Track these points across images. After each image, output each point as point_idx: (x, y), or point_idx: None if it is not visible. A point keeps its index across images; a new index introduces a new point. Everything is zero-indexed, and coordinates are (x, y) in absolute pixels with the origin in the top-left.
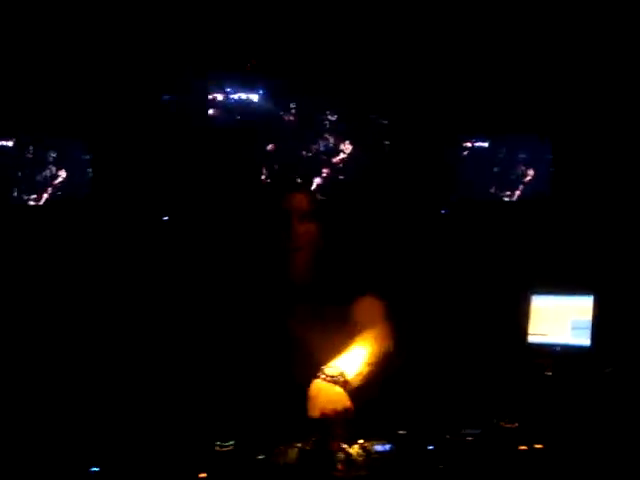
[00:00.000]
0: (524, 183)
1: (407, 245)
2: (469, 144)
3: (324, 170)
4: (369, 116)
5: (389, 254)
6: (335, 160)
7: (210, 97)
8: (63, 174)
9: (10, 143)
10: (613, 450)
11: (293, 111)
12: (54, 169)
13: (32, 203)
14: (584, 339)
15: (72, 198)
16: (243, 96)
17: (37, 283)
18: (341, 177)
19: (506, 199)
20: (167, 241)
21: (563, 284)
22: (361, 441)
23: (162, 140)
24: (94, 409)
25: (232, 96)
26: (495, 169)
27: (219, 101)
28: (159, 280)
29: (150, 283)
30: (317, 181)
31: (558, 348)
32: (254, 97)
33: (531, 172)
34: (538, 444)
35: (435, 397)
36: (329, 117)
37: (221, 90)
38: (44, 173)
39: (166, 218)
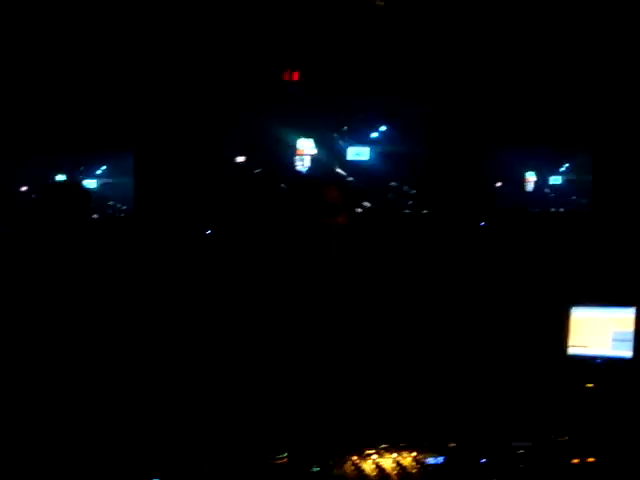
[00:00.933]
0: (565, 195)
1: (447, 255)
2: (507, 156)
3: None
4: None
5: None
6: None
7: None
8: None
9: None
10: None
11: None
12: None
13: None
14: (626, 351)
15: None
16: None
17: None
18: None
19: (550, 210)
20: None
21: (604, 296)
22: (414, 454)
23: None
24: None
25: None
26: (535, 181)
27: None
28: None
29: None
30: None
31: (599, 360)
32: None
33: (572, 185)
34: (590, 457)
35: (481, 409)
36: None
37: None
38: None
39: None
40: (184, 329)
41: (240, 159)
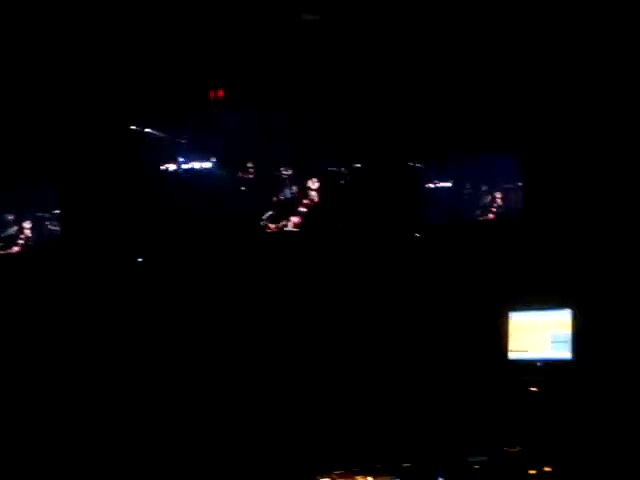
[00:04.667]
0: (497, 202)
1: (385, 268)
2: (439, 166)
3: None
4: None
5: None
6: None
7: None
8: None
9: None
10: (614, 462)
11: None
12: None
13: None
14: (565, 352)
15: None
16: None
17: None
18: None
19: (481, 219)
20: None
21: (540, 299)
22: (370, 479)
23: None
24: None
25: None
26: (468, 190)
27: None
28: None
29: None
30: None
31: (540, 363)
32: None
33: (503, 191)
34: (547, 467)
35: (431, 424)
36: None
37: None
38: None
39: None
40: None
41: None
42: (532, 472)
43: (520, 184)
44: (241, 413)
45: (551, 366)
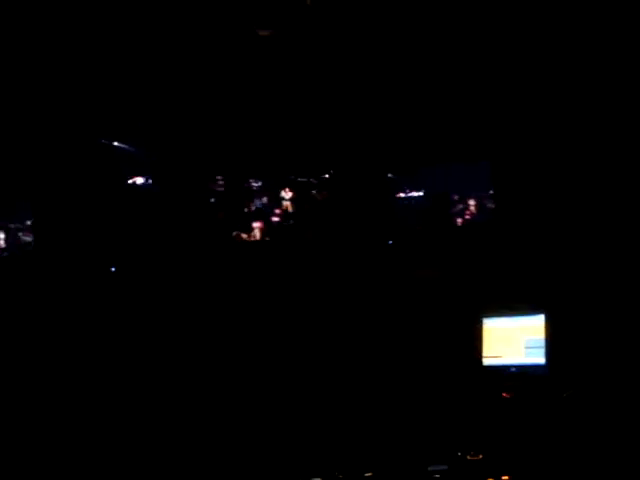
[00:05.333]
0: (469, 210)
1: (357, 275)
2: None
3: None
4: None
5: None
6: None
7: None
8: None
9: None
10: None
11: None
12: None
13: None
14: (539, 358)
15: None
16: None
17: None
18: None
19: (453, 226)
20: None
21: (513, 305)
22: None
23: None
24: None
25: None
26: (439, 198)
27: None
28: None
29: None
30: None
31: (514, 369)
32: None
33: (475, 199)
34: (505, 475)
35: (397, 431)
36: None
37: None
38: None
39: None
40: None
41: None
42: None
43: (491, 192)
44: (198, 424)
45: (525, 371)
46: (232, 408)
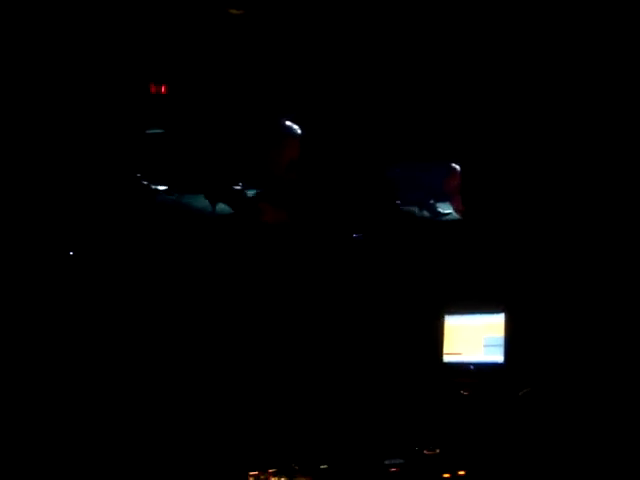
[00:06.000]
0: (433, 207)
1: (322, 268)
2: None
3: None
4: None
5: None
6: None
7: None
8: None
9: None
10: (533, 470)
11: None
12: None
13: None
14: (497, 356)
15: None
16: None
17: None
18: None
19: (417, 222)
20: None
21: (474, 303)
22: (284, 479)
23: None
24: None
25: None
26: (405, 194)
27: None
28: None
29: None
30: None
31: (472, 366)
32: None
33: (441, 196)
34: (461, 470)
35: (354, 425)
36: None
37: None
38: None
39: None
40: None
41: None
42: (446, 476)
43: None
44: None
45: (484, 369)
46: (195, 399)
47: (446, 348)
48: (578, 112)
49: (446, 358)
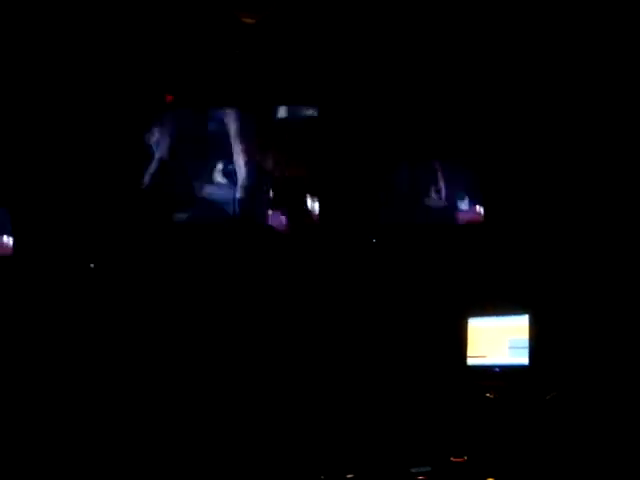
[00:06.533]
0: (458, 209)
1: (341, 273)
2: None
3: None
4: None
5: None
6: None
7: None
8: None
9: None
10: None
11: None
12: None
13: None
14: (522, 358)
15: None
16: None
17: None
18: None
19: (439, 225)
20: None
21: (498, 305)
22: None
23: None
24: None
25: None
26: (429, 196)
27: None
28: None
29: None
30: None
31: (497, 369)
32: None
33: (464, 199)
34: (490, 477)
35: (380, 432)
36: None
37: None
38: None
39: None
40: None
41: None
42: None
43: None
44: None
45: (508, 372)
46: (211, 409)
47: (470, 351)
48: (606, 114)
49: (470, 361)
